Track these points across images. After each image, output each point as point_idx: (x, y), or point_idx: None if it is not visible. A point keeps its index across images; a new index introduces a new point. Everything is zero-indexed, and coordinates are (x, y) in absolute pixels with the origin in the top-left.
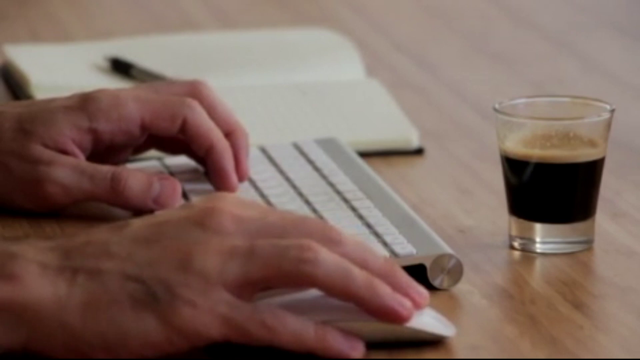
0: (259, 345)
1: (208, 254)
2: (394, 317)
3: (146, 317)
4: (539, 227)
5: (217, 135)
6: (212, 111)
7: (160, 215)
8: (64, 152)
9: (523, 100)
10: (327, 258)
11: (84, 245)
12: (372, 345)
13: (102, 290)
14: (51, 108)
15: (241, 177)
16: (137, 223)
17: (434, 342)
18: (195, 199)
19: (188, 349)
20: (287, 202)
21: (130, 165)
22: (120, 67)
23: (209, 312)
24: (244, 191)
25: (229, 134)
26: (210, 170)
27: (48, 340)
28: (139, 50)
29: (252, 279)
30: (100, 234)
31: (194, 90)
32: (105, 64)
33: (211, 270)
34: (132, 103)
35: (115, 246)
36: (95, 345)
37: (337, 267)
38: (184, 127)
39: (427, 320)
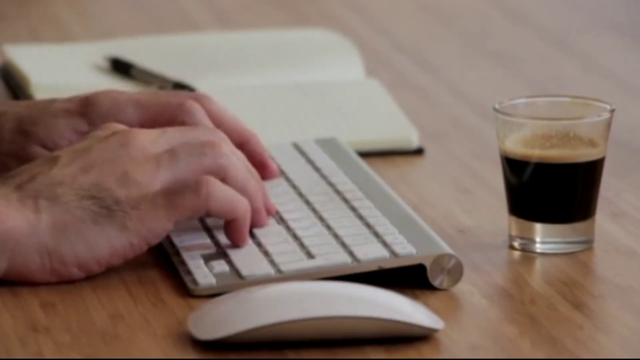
0: (200, 215)
1: (139, 166)
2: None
3: (106, 227)
4: (539, 227)
5: None
6: (220, 124)
7: (81, 145)
8: None
9: (523, 100)
10: (233, 152)
11: (30, 179)
12: (371, 343)
13: (65, 210)
14: (52, 111)
15: (274, 174)
16: (66, 156)
17: (427, 337)
18: (93, 133)
19: (147, 249)
20: (287, 202)
21: None
22: (120, 67)
23: (152, 209)
24: None
25: (243, 144)
26: None
27: (26, 264)
28: (139, 50)
29: (180, 176)
30: (37, 168)
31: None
32: (105, 64)
33: (146, 177)
34: (131, 109)
35: (58, 176)
36: (68, 262)
37: (241, 166)
38: None
39: (418, 316)
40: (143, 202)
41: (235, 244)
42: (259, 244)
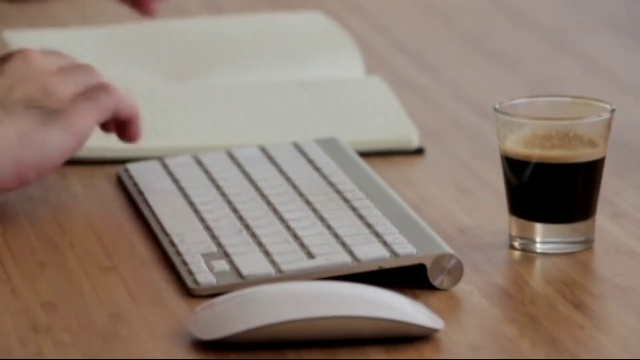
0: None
1: (52, 78)
2: None
3: (54, 131)
4: (539, 227)
5: None
6: None
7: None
8: None
9: (523, 100)
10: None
11: None
12: (371, 343)
13: (22, 118)
14: None
15: None
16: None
17: (427, 337)
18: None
19: (80, 148)
20: (287, 202)
21: (130, 165)
22: None
23: (81, 111)
24: (244, 191)
25: None
26: None
27: (2, 173)
28: (139, 37)
29: (83, 83)
30: None
31: None
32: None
33: (66, 86)
34: None
35: None
36: (30, 167)
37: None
38: None
39: (418, 315)
40: (72, 106)
41: (135, 139)
42: (259, 244)
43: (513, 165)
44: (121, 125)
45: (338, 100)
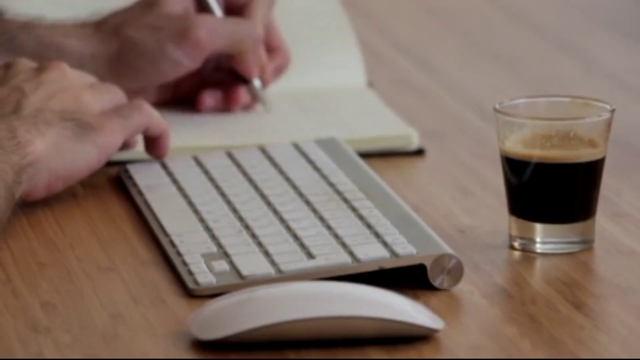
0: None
1: (85, 91)
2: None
3: (86, 145)
4: (539, 227)
5: None
6: None
7: (21, 78)
8: None
9: (523, 100)
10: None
11: (17, 108)
12: (371, 343)
13: (58, 131)
14: None
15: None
16: (27, 85)
17: (427, 337)
18: (24, 61)
19: (105, 162)
20: (287, 202)
21: (130, 165)
22: None
23: (111, 126)
24: (244, 191)
25: None
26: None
27: (35, 185)
28: None
29: (111, 101)
30: (12, 96)
31: None
32: None
33: (98, 102)
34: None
35: (36, 103)
36: (60, 178)
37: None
38: None
39: (418, 316)
40: (104, 122)
41: (164, 155)
42: (259, 244)
43: (513, 165)
44: (150, 141)
45: (337, 106)
